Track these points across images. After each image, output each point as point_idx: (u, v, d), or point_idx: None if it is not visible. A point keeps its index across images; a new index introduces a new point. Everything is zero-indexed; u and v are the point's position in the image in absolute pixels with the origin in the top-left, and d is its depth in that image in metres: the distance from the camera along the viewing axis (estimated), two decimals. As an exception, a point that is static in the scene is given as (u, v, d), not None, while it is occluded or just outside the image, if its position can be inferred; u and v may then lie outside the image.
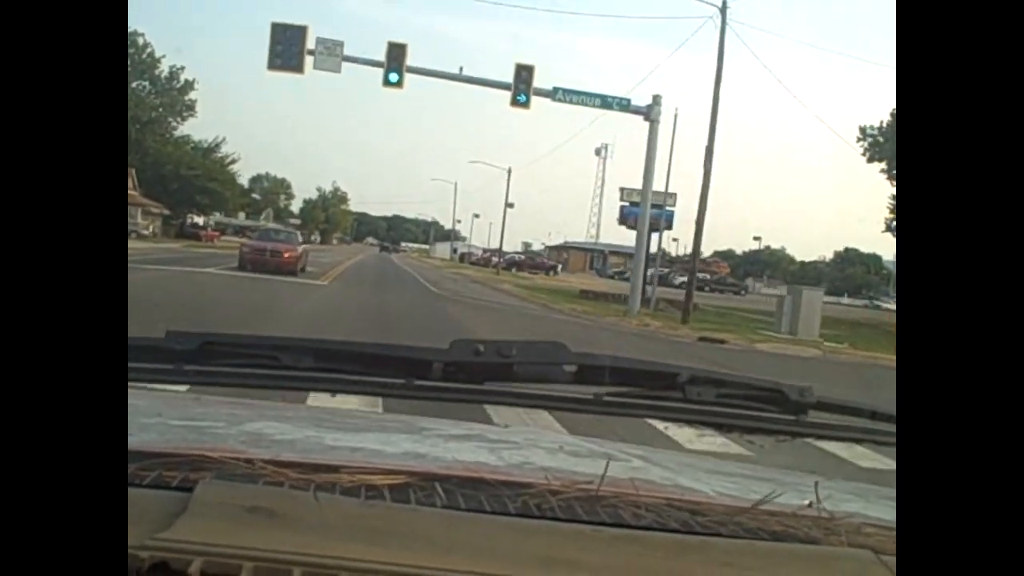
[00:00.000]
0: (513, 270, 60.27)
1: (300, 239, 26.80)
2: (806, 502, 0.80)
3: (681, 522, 0.72)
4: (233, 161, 60.51)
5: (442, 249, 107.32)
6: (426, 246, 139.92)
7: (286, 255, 23.26)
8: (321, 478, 0.70)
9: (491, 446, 1.09)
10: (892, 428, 1.01)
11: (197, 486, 0.62)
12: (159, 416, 1.03)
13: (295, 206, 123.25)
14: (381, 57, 20.10)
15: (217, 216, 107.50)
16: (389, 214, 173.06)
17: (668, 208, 34.31)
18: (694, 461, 1.24)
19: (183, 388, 1.11)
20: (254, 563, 0.54)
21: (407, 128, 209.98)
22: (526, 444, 1.11)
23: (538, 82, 20.37)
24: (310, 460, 0.78)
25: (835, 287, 71.96)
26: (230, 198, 57.57)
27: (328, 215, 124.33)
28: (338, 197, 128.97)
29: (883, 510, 0.89)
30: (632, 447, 1.25)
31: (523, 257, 74.24)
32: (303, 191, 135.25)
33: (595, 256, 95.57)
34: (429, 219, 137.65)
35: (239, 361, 0.97)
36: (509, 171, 53.87)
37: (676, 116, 24.10)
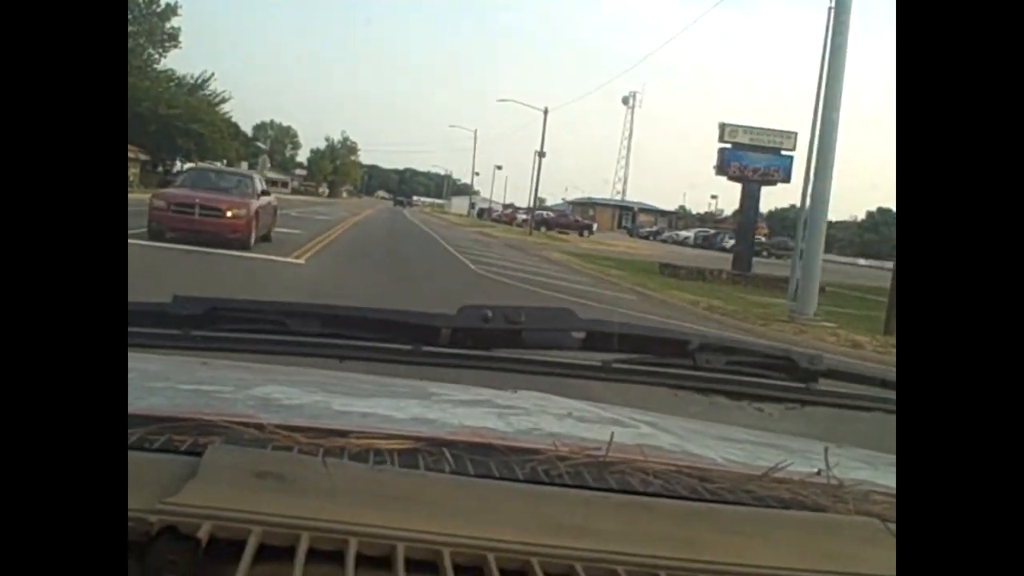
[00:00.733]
0: (543, 229, 52.25)
1: (259, 187, 16.03)
2: (814, 470, 0.80)
3: (689, 489, 0.72)
4: (223, 100, 51.64)
5: (458, 204, 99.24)
6: (440, 200, 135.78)
7: (229, 214, 13.81)
8: (330, 443, 0.70)
9: (500, 412, 1.10)
10: None
11: (206, 450, 0.62)
12: (167, 381, 1.04)
13: (302, 156, 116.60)
14: None
15: (217, 165, 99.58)
16: (401, 167, 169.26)
17: (785, 152, 24.95)
18: (702, 428, 1.22)
19: (190, 353, 1.09)
20: (263, 527, 0.54)
21: (421, 70, 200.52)
22: (535, 410, 1.13)
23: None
24: (319, 425, 0.78)
25: (870, 250, 64.64)
26: (219, 142, 48.64)
27: (336, 166, 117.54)
28: (347, 147, 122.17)
29: (891, 478, 0.89)
30: (640, 413, 1.26)
31: (551, 215, 63.09)
32: (312, 140, 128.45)
33: (623, 214, 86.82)
34: (444, 172, 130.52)
35: (246, 327, 0.96)
36: (545, 112, 44.93)
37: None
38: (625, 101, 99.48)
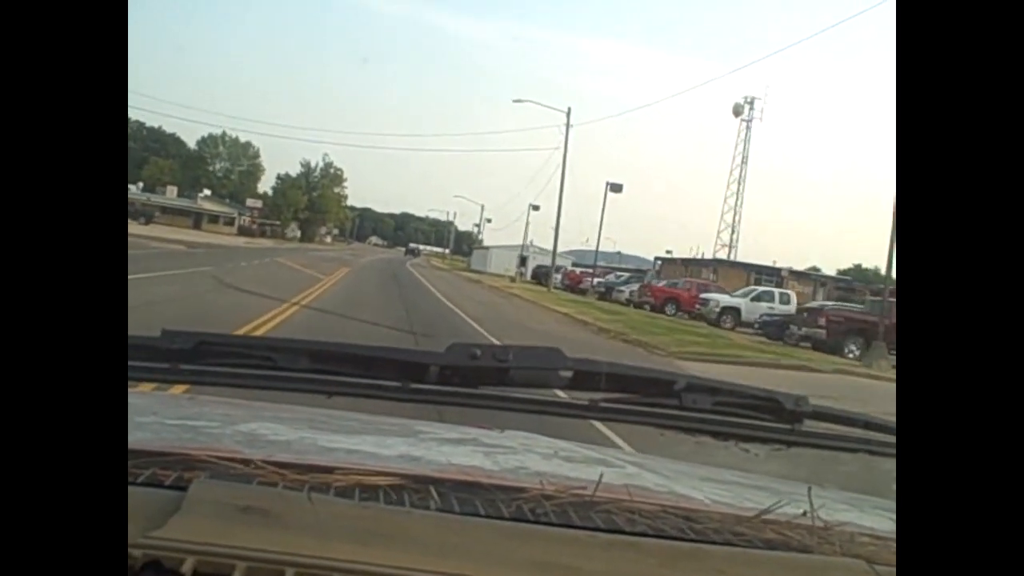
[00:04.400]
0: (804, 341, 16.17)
1: None
2: (800, 511, 0.80)
3: (676, 529, 0.72)
4: None
5: (500, 259, 63.56)
6: (439, 249, 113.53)
7: None
8: (316, 479, 0.70)
9: (486, 450, 1.09)
10: (887, 439, 1.00)
11: (191, 485, 0.62)
12: (154, 415, 1.03)
13: (266, 184, 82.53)
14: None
15: (146, 196, 63.04)
16: (397, 211, 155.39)
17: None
18: (688, 468, 1.21)
19: (178, 387, 1.05)
20: (247, 563, 0.54)
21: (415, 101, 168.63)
22: (521, 449, 1.12)
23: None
24: (305, 461, 0.78)
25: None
26: None
27: (313, 199, 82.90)
28: (330, 176, 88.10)
29: (877, 520, 0.89)
30: (626, 454, 1.30)
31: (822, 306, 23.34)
32: (285, 165, 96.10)
33: (761, 279, 49.49)
34: (449, 216, 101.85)
35: (235, 361, 0.95)
36: None
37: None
38: (738, 111, 64.14)
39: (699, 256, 54.88)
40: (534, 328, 17.57)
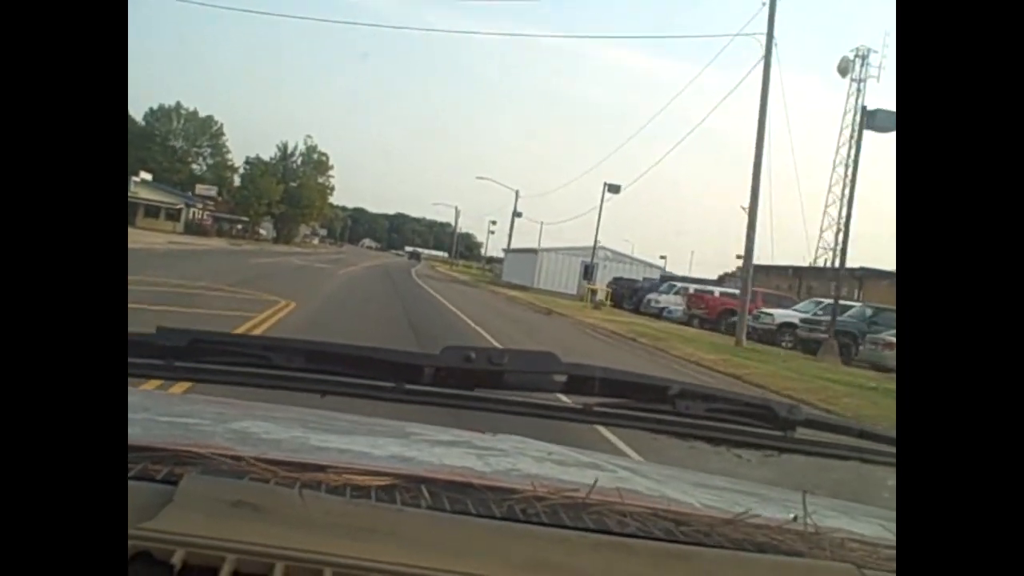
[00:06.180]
0: None
1: None
2: (791, 516, 0.80)
3: (666, 531, 0.72)
4: None
5: (553, 268, 47.11)
6: (438, 252, 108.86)
7: None
8: (307, 476, 0.70)
9: (479, 452, 1.09)
10: (880, 447, 1.01)
11: (182, 479, 0.62)
12: (146, 411, 1.03)
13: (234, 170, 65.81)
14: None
15: None
16: (391, 211, 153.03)
17: None
18: (680, 473, 1.22)
19: (172, 384, 1.06)
20: (237, 555, 0.54)
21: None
22: (513, 452, 1.13)
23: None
24: (297, 459, 0.78)
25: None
26: None
27: (291, 189, 66.46)
28: (313, 162, 71.95)
29: (866, 526, 0.90)
30: (618, 458, 1.30)
31: None
32: (256, 149, 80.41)
33: None
34: (448, 212, 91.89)
35: (229, 359, 0.95)
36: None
37: None
38: (844, 70, 47.35)
39: (812, 262, 38.16)
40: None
